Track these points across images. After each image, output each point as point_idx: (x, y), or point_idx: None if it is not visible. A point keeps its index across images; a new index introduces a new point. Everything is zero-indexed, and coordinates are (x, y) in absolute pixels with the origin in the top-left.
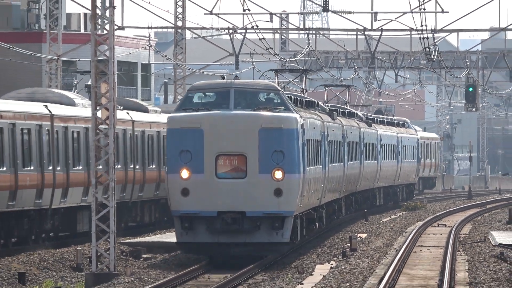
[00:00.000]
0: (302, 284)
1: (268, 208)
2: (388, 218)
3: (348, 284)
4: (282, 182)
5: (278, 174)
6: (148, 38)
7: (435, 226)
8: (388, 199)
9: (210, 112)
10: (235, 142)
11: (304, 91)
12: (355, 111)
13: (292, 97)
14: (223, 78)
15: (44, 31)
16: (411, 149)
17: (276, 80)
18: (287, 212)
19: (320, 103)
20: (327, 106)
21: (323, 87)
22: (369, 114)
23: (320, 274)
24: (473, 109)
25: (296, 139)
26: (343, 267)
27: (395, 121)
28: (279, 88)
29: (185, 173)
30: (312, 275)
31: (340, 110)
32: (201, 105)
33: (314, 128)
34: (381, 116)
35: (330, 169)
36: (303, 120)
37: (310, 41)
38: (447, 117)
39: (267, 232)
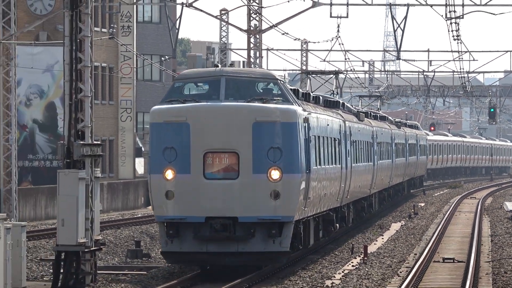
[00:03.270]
0: (383, 235)
1: (264, 213)
2: (438, 193)
3: (412, 235)
4: (280, 183)
5: (275, 174)
6: (283, 77)
7: (468, 198)
8: (409, 189)
9: (197, 104)
10: (226, 138)
11: (335, 93)
12: (386, 115)
13: (304, 93)
14: (216, 66)
15: None
16: (424, 147)
17: (309, 82)
18: (285, 217)
19: (347, 104)
20: (356, 109)
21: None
22: (397, 119)
23: (394, 229)
24: (494, 123)
25: (296, 135)
26: (409, 225)
27: (413, 125)
28: (277, 77)
29: (169, 174)
30: (389, 229)
31: (372, 113)
32: (189, 97)
33: (328, 125)
34: (404, 120)
35: (354, 168)
36: (308, 114)
37: (388, 78)
38: (477, 128)
39: (262, 240)
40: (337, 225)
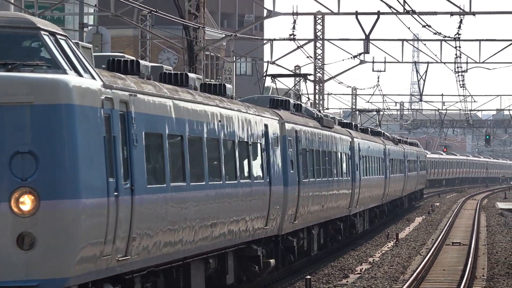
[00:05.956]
0: (409, 226)
1: (6, 276)
2: (449, 196)
3: (430, 226)
4: (35, 218)
5: (26, 203)
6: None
7: (471, 200)
8: (410, 201)
9: None
10: None
11: (300, 96)
12: (382, 131)
13: (169, 73)
14: None
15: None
16: (424, 163)
17: (275, 86)
18: (48, 281)
19: (308, 108)
20: (322, 114)
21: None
22: (397, 137)
23: (418, 222)
24: (489, 146)
25: (70, 127)
26: (428, 219)
27: (414, 143)
28: (39, 26)
29: None
30: (414, 222)
31: (358, 126)
32: None
33: (227, 123)
34: (402, 138)
35: (308, 185)
36: (132, 95)
37: (413, 114)
38: (476, 150)
39: None
40: (272, 260)
